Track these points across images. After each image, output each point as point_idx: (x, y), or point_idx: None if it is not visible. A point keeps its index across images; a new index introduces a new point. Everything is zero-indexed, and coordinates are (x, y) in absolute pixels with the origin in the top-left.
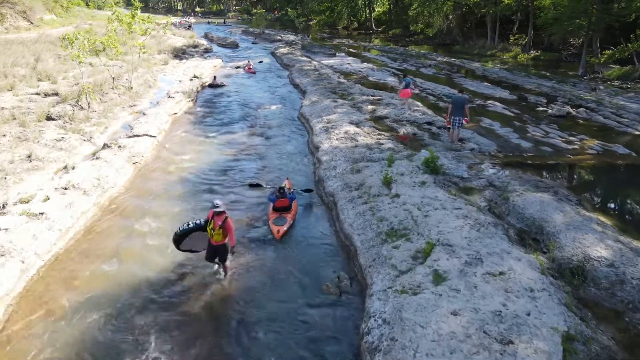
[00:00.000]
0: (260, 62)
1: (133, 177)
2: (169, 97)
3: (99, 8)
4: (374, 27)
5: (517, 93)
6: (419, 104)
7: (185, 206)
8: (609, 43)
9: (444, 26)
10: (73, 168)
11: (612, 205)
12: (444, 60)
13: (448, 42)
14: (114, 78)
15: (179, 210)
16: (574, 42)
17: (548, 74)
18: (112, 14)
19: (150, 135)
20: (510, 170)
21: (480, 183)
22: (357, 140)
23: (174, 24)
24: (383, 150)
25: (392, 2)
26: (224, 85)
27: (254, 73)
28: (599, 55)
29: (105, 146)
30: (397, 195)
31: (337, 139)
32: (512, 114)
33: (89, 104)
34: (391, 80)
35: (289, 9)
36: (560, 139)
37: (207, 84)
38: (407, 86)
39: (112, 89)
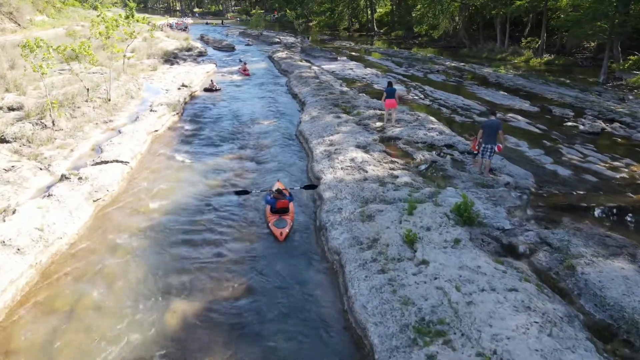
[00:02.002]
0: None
1: (91, 220)
2: (151, 110)
3: (95, 9)
4: (375, 29)
5: (538, 104)
6: (433, 119)
7: (149, 267)
8: (630, 47)
9: (450, 28)
10: (13, 212)
11: None
12: (453, 64)
13: (454, 45)
14: (88, 89)
15: (139, 274)
16: (588, 46)
17: (567, 81)
18: (98, 16)
19: (122, 162)
20: (560, 214)
21: (530, 239)
22: (367, 171)
23: (170, 26)
24: (399, 187)
25: (395, 3)
26: (220, 89)
27: (249, 75)
28: (620, 61)
29: (62, 178)
30: (425, 262)
31: (341, 169)
32: (538, 131)
33: (53, 121)
34: (398, 88)
35: (288, 10)
36: (602, 164)
37: (202, 88)
38: (391, 95)
39: (86, 101)
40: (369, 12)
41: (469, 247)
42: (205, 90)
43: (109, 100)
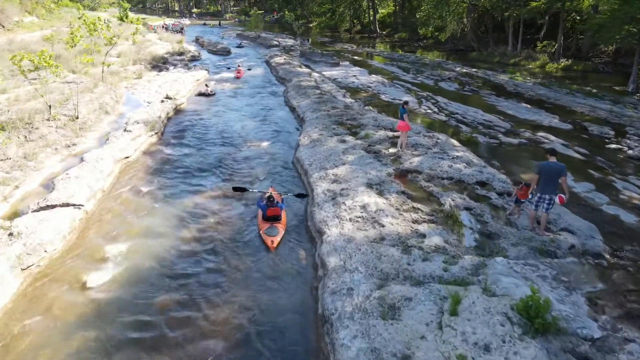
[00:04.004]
0: (249, 69)
1: (13, 302)
2: (125, 130)
3: (92, 9)
4: (378, 31)
5: (569, 119)
6: (455, 142)
7: None
8: None
9: (458, 30)
10: None
11: None
12: (464, 70)
13: (461, 48)
14: (50, 106)
15: None
16: (605, 49)
17: (594, 90)
18: (79, 18)
19: (74, 205)
20: None
21: (637, 359)
22: (383, 225)
23: (165, 27)
24: (428, 254)
25: (398, 4)
26: (214, 94)
27: (241, 77)
28: None
29: None
30: None
31: (350, 220)
32: (580, 156)
33: None
34: (408, 100)
35: (287, 11)
36: None
37: (196, 93)
38: (401, 116)
39: (48, 120)
40: (371, 12)
41: None
42: (201, 94)
43: (77, 117)
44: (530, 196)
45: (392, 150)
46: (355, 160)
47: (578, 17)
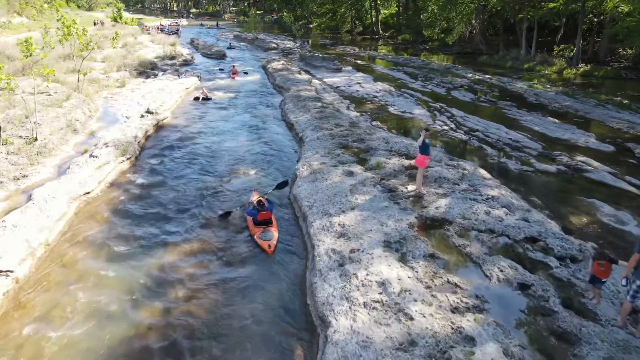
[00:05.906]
0: (245, 72)
1: None
2: (91, 155)
3: (90, 9)
4: (380, 32)
5: (607, 138)
6: (486, 174)
7: None
8: None
9: (466, 32)
10: None
11: None
12: (477, 77)
13: (469, 51)
14: (0, 127)
15: None
16: (624, 53)
17: (626, 101)
18: (58, 20)
19: (1, 272)
20: None
21: None
22: (411, 317)
23: (161, 28)
24: None
25: (402, 5)
26: (211, 98)
27: (235, 79)
28: None
29: None
30: None
31: (364, 306)
32: (635, 190)
33: None
34: (420, 113)
35: (285, 13)
36: None
37: (193, 98)
38: (425, 150)
39: None
40: (374, 13)
41: None
42: (202, 99)
43: (35, 139)
44: (624, 282)
45: (410, 187)
46: (366, 204)
47: (595, 20)
